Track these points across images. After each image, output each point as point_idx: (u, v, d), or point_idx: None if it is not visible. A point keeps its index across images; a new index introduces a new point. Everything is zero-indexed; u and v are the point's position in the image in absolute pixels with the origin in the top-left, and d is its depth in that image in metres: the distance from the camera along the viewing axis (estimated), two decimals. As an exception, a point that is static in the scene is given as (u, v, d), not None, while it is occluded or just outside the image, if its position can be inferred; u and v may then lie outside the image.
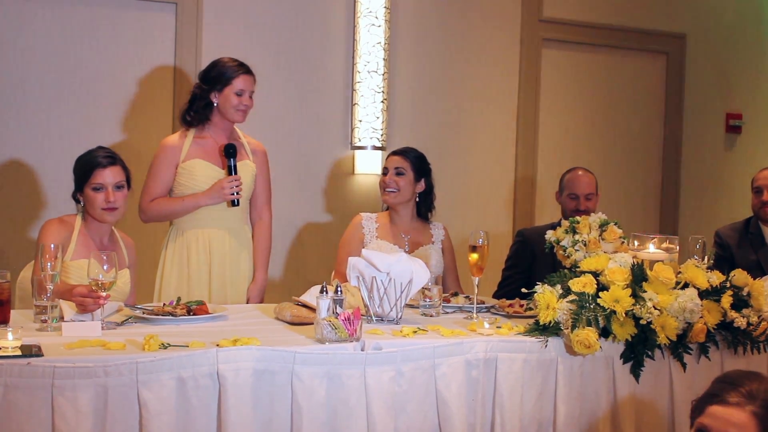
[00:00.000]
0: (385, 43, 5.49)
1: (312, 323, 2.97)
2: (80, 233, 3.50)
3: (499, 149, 6.03)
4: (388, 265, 3.26)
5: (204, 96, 3.95)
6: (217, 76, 3.93)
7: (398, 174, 4.09)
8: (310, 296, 3.19)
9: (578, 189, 4.52)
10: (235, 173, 3.91)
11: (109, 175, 3.46)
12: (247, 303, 3.98)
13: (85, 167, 3.48)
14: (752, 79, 6.86)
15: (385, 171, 4.15)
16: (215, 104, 3.95)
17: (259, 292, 4.05)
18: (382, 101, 5.49)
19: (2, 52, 4.82)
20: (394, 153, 4.19)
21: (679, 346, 3.11)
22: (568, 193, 4.54)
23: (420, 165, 4.13)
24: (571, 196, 4.53)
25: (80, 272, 3.35)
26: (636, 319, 3.02)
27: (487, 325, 3.11)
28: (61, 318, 2.98)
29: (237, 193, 3.90)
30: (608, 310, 3.01)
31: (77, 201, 3.53)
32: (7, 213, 4.87)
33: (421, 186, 4.13)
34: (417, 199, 4.14)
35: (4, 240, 4.86)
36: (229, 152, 3.91)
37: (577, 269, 3.23)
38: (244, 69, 3.97)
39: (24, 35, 4.86)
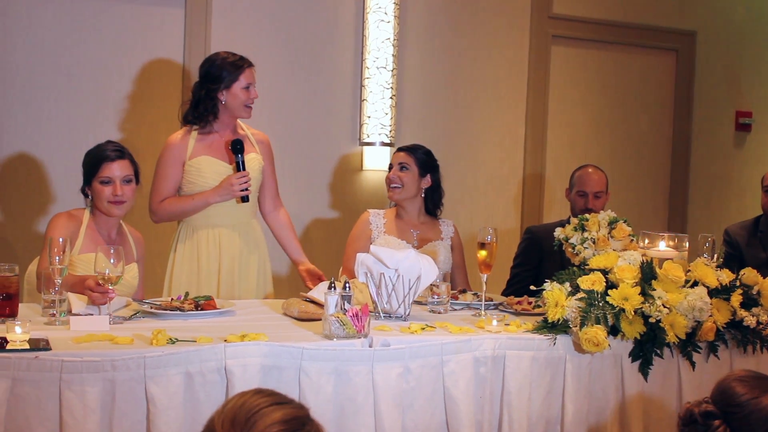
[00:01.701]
0: (394, 39, 5.48)
1: (320, 319, 2.97)
2: (88, 227, 3.50)
3: (507, 146, 6.02)
4: (397, 262, 3.26)
5: (211, 96, 3.88)
6: (221, 74, 3.87)
7: (402, 169, 4.07)
8: (318, 292, 3.19)
9: (587, 187, 4.50)
10: (243, 169, 3.89)
11: (117, 169, 3.46)
12: (308, 285, 3.84)
13: (94, 161, 3.49)
14: (763, 77, 6.83)
15: (390, 167, 4.14)
16: (223, 102, 3.91)
17: (310, 267, 3.97)
18: (391, 97, 5.48)
19: (11, 46, 4.83)
20: (400, 149, 4.18)
21: (688, 345, 3.10)
22: (577, 190, 4.53)
23: (425, 161, 4.11)
24: (579, 194, 4.51)
25: (88, 266, 3.35)
26: (645, 317, 3.01)
27: (495, 323, 3.10)
28: (69, 312, 2.98)
29: (246, 189, 3.88)
30: (617, 308, 3.00)
31: (86, 195, 3.54)
32: (16, 206, 4.88)
33: (427, 182, 4.11)
34: (423, 195, 4.13)
35: (12, 233, 4.86)
36: (237, 148, 3.87)
37: (586, 267, 3.23)
38: (247, 62, 3.93)
39: (32, 29, 4.86)
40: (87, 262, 3.37)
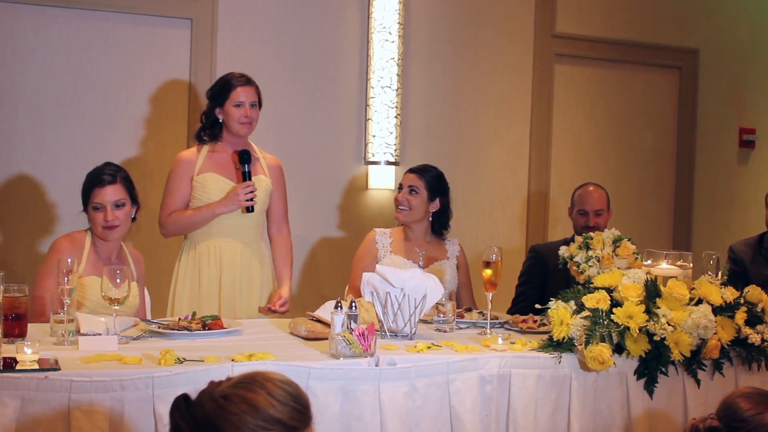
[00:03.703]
0: (399, 59, 5.51)
1: (326, 338, 2.98)
2: (90, 250, 3.51)
3: (512, 164, 6.04)
4: (402, 281, 3.27)
5: (210, 113, 3.99)
6: (218, 91, 3.97)
7: (411, 192, 4.07)
8: (325, 311, 3.20)
9: (587, 205, 4.50)
10: (249, 179, 3.93)
11: (107, 194, 3.45)
12: (272, 312, 3.90)
13: (87, 186, 3.50)
14: (766, 94, 6.85)
15: (399, 188, 4.15)
16: (221, 119, 3.97)
17: (284, 303, 3.94)
18: (396, 116, 5.51)
19: (18, 66, 4.87)
20: (411, 170, 4.15)
21: (693, 363, 3.11)
22: (578, 209, 4.53)
23: (436, 184, 4.10)
24: (580, 212, 4.52)
25: (91, 289, 3.38)
26: (650, 335, 3.02)
27: (500, 341, 3.11)
28: (78, 331, 3.00)
29: (252, 200, 3.90)
30: (622, 326, 3.01)
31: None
32: (21, 227, 4.90)
33: (436, 205, 4.10)
34: (431, 218, 4.13)
35: (16, 254, 4.88)
36: (244, 158, 3.92)
37: (591, 285, 3.24)
38: (243, 80, 3.97)
39: (40, 49, 4.90)
40: (90, 285, 3.39)
